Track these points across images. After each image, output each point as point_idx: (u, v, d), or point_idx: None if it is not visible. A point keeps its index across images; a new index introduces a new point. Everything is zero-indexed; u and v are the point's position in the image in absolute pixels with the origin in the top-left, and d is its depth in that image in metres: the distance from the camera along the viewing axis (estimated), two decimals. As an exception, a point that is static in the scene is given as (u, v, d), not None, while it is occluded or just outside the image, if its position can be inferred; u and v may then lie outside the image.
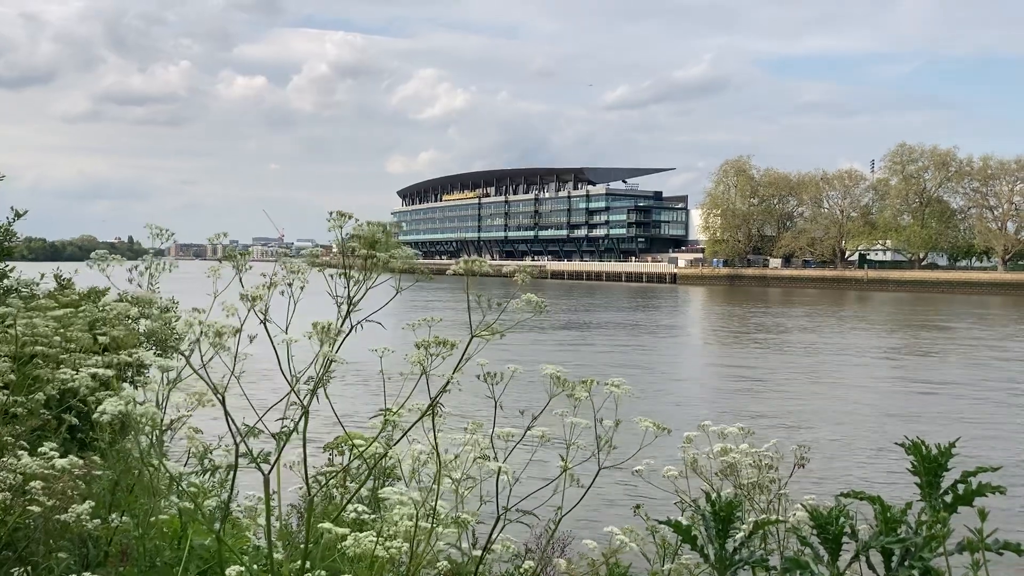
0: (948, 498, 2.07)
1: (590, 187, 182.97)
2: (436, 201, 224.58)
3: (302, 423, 2.21)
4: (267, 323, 2.14)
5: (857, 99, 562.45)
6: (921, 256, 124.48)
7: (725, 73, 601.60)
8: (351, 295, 2.11)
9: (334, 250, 2.35)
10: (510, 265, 2.37)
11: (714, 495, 2.42)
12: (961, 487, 2.06)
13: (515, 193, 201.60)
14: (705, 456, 3.51)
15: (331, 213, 2.09)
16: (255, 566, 2.79)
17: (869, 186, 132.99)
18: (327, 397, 2.20)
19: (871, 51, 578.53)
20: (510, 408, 2.88)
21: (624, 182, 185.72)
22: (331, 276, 2.18)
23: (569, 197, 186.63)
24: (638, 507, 3.79)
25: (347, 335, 2.16)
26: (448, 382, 2.23)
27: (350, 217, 2.14)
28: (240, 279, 2.20)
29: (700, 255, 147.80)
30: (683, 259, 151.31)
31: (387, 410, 2.31)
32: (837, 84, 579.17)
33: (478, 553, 2.93)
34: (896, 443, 2.17)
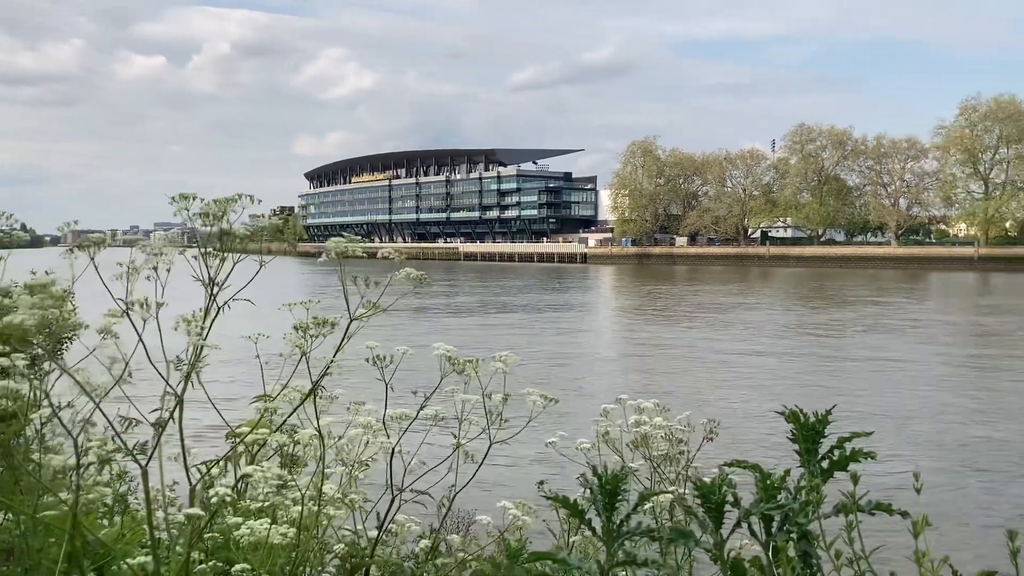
0: (825, 464, 2.14)
1: (501, 169, 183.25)
2: (345, 183, 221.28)
3: (178, 412, 2.13)
4: (130, 311, 2.05)
5: (760, 80, 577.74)
6: (820, 232, 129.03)
7: (633, 55, 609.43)
8: (214, 277, 2.04)
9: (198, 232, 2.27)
10: (386, 247, 2.33)
11: (610, 467, 2.46)
12: (836, 453, 2.14)
13: (426, 175, 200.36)
14: (618, 429, 3.56)
15: (174, 197, 2.02)
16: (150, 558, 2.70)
17: (770, 165, 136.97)
18: (201, 384, 2.13)
19: (773, 34, 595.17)
20: (417, 389, 2.87)
21: (535, 163, 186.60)
22: (194, 258, 2.10)
23: (480, 179, 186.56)
24: (542, 483, 3.82)
25: (214, 318, 2.09)
26: (328, 365, 2.18)
27: (194, 198, 2.07)
28: (95, 267, 2.10)
29: (609, 235, 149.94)
30: (593, 239, 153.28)
31: (267, 395, 2.26)
32: (741, 66, 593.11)
33: (375, 535, 2.90)
34: (776, 412, 2.23)
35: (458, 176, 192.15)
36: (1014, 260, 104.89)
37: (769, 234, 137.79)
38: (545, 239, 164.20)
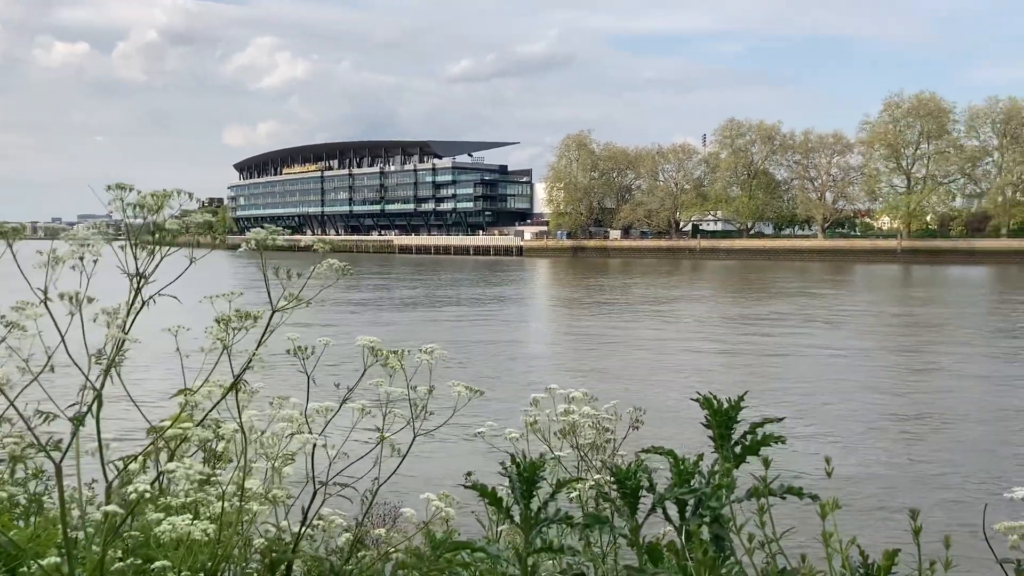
0: (738, 449, 2.20)
1: (436, 161, 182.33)
2: (276, 175, 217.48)
3: (96, 407, 2.08)
4: (48, 302, 2.00)
5: (693, 75, 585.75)
6: (749, 225, 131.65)
7: (569, 48, 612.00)
8: (142, 270, 2.00)
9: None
10: (308, 238, 2.31)
11: (534, 456, 2.49)
12: (749, 438, 2.20)
13: (360, 167, 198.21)
14: (547, 418, 3.60)
15: (110, 186, 1.97)
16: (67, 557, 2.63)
17: (701, 159, 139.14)
18: (120, 379, 2.09)
19: (707, 30, 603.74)
20: (340, 383, 2.85)
21: (470, 156, 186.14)
22: (121, 248, 2.06)
23: (415, 171, 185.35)
24: (470, 474, 3.84)
25: (138, 312, 2.05)
26: (251, 358, 2.16)
27: (130, 189, 2.02)
28: (14, 256, 2.04)
29: (545, 228, 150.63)
30: (529, 232, 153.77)
31: (187, 389, 2.23)
32: (675, 61, 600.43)
33: (303, 530, 2.88)
34: (691, 399, 2.28)
35: (392, 168, 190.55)
36: (935, 252, 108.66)
37: (700, 227, 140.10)
38: (481, 232, 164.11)
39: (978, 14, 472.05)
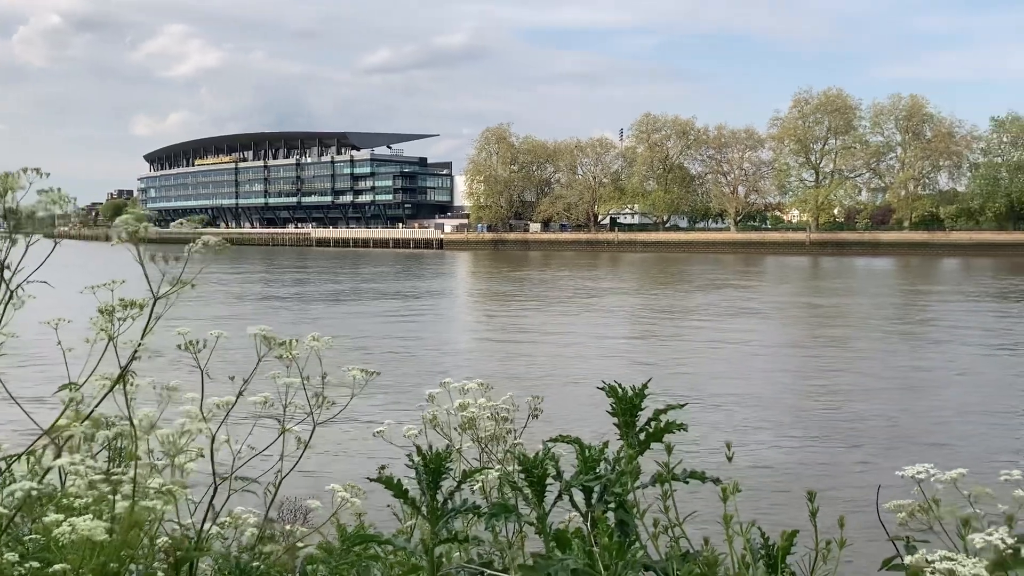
0: (642, 436, 2.23)
1: (354, 152, 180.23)
2: (188, 166, 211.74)
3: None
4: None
5: (609, 70, 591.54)
6: (665, 219, 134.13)
7: (486, 41, 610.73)
8: (4, 261, 1.91)
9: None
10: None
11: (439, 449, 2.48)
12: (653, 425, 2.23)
13: (275, 158, 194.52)
14: (445, 412, 3.58)
15: None
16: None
17: (618, 153, 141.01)
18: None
19: (622, 24, 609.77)
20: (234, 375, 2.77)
21: (389, 148, 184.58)
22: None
23: (333, 162, 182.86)
24: (383, 467, 3.81)
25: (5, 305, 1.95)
26: (136, 349, 2.09)
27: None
28: None
29: (465, 221, 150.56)
30: (449, 225, 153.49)
31: (72, 384, 2.14)
32: (591, 55, 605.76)
33: (207, 527, 2.80)
34: (597, 387, 2.30)
35: (309, 159, 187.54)
36: (841, 245, 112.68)
37: (618, 220, 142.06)
38: (400, 225, 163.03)
39: (883, 14, 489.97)
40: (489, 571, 1.88)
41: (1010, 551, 1.54)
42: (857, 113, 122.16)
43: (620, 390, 2.23)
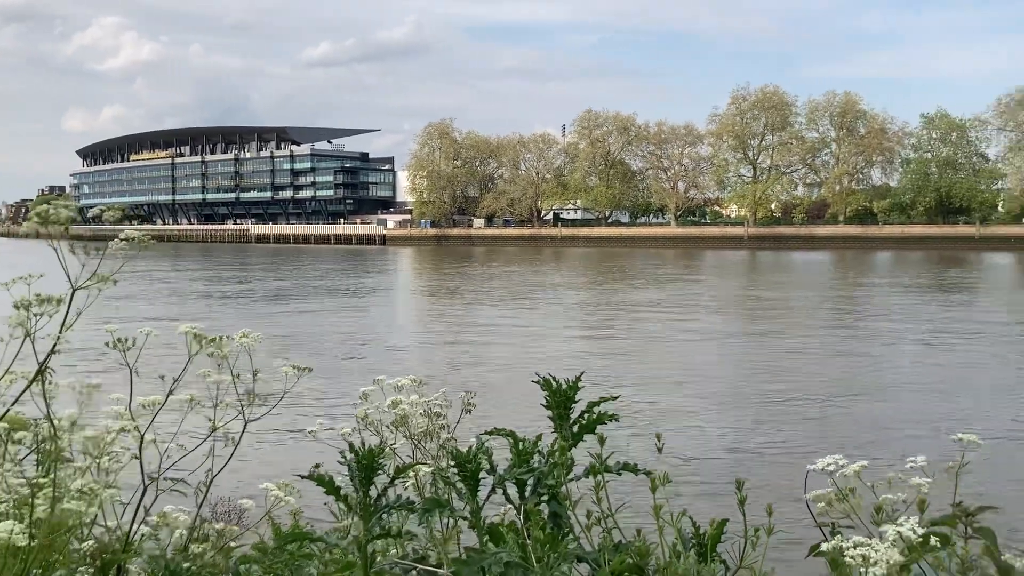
0: (575, 428, 2.25)
1: (294, 147, 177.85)
2: (123, 161, 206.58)
3: None
4: None
5: (551, 66, 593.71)
6: (607, 214, 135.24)
7: (428, 36, 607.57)
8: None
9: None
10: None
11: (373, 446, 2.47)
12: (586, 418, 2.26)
13: (213, 153, 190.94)
14: (376, 410, 3.57)
15: None
16: None
17: (561, 149, 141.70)
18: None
19: (563, 21, 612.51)
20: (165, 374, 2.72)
21: (330, 143, 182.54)
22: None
23: (272, 157, 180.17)
24: (318, 465, 3.78)
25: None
26: (56, 344, 2.03)
27: None
28: None
29: (408, 216, 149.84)
30: (392, 220, 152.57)
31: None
32: (533, 51, 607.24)
33: (136, 528, 2.74)
34: (532, 381, 2.32)
35: (248, 154, 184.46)
36: (779, 239, 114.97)
37: (561, 216, 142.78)
38: (342, 220, 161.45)
39: (820, 13, 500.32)
40: (422, 566, 1.88)
41: (919, 538, 1.60)
42: (793, 110, 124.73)
43: (554, 383, 2.25)
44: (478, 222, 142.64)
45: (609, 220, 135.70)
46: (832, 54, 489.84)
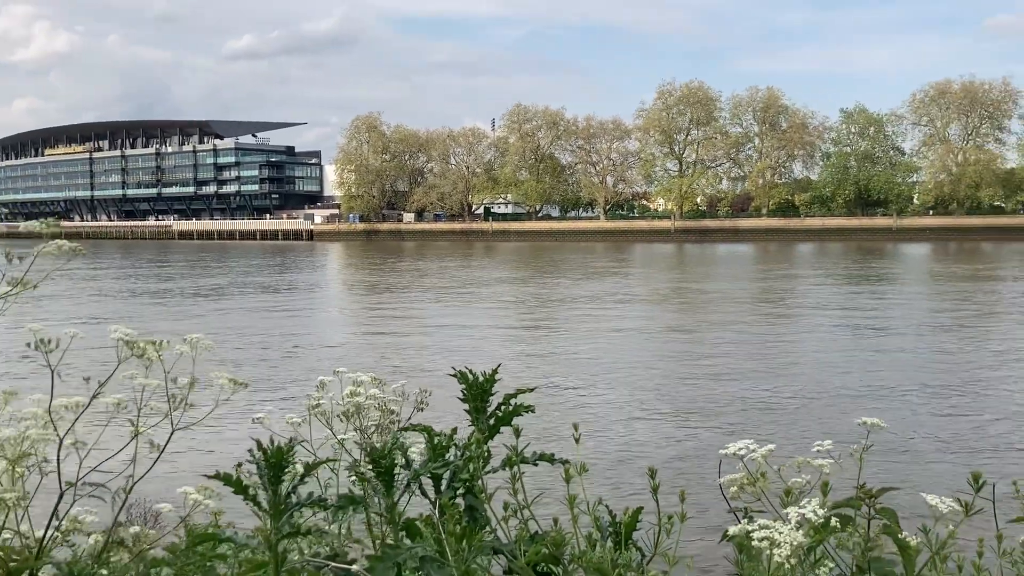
0: (492, 421, 2.25)
1: (217, 141, 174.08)
2: (37, 156, 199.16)
3: None
4: None
5: (480, 60, 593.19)
6: (538, 208, 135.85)
7: (355, 28, 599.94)
8: None
9: None
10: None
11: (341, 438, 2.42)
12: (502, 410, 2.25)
13: (133, 147, 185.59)
14: (330, 402, 3.52)
15: None
16: None
17: (491, 143, 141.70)
18: None
19: (491, 15, 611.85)
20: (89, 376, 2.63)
21: (254, 136, 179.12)
22: None
23: (195, 152, 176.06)
24: (239, 465, 3.70)
25: None
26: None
27: None
28: None
29: (337, 211, 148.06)
30: (320, 215, 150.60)
31: None
32: (463, 45, 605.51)
33: (48, 535, 2.64)
34: (448, 374, 2.31)
35: (170, 149, 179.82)
36: (704, 232, 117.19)
37: (492, 210, 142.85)
38: (268, 216, 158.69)
39: (744, 9, 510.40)
40: (333, 564, 1.86)
41: (821, 519, 1.64)
42: (717, 105, 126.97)
43: (470, 376, 2.25)
44: (408, 217, 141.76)
45: (539, 214, 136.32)
46: (757, 49, 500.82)
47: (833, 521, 1.79)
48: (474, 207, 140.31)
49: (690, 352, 24.89)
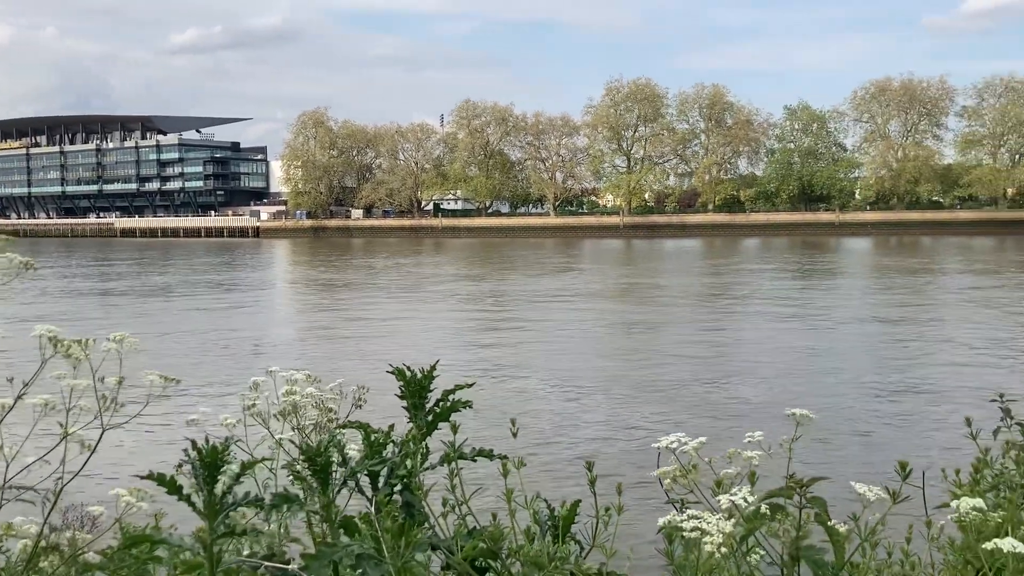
0: (430, 418, 2.25)
1: (160, 137, 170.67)
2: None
3: None
4: None
5: (426, 55, 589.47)
6: (487, 204, 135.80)
7: (299, 23, 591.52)
8: None
9: None
10: None
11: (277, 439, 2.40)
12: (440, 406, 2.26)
13: (73, 143, 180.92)
14: (266, 402, 3.47)
15: None
16: None
17: (440, 139, 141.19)
18: None
19: (436, 10, 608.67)
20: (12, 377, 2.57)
21: (199, 132, 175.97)
22: None
23: (137, 147, 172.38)
24: (179, 466, 3.64)
25: None
26: None
27: None
28: None
29: (283, 207, 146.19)
30: (266, 212, 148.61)
31: None
32: (409, 40, 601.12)
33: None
34: (386, 371, 2.31)
35: (111, 144, 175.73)
36: (652, 227, 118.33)
37: (441, 206, 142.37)
38: (213, 212, 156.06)
39: (687, 6, 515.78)
40: (268, 564, 1.84)
41: (750, 506, 1.68)
42: (664, 101, 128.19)
43: (408, 372, 2.24)
44: (356, 213, 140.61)
45: (489, 210, 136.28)
46: (700, 47, 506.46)
47: (763, 508, 1.83)
48: (423, 203, 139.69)
49: (640, 349, 25.16)
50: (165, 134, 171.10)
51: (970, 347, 23.71)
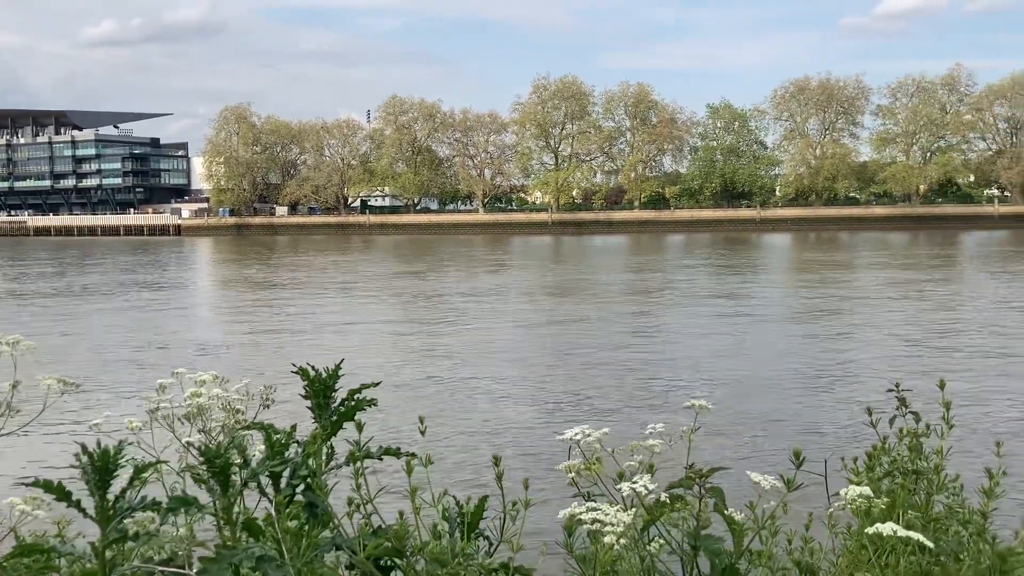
0: (335, 417, 2.23)
1: (76, 132, 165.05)
2: None
3: None
4: None
5: (354, 50, 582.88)
6: (416, 201, 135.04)
7: (222, 16, 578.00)
8: None
9: None
10: None
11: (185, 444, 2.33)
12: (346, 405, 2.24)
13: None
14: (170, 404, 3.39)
15: None
16: None
17: (367, 135, 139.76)
18: None
19: (364, 6, 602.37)
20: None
21: (116, 127, 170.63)
22: None
23: (51, 143, 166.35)
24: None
25: None
26: None
27: None
28: None
29: (205, 205, 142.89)
30: (187, 209, 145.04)
31: None
32: (337, 35, 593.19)
33: None
34: (291, 371, 2.28)
35: (22, 140, 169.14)
36: (580, 224, 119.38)
37: (369, 203, 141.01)
38: (132, 210, 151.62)
39: (615, 5, 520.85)
40: (163, 568, 1.80)
41: (649, 493, 1.71)
42: (591, 99, 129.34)
43: (312, 371, 2.22)
44: (281, 210, 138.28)
45: (418, 207, 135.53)
46: (628, 45, 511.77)
47: (663, 497, 1.87)
48: (350, 200, 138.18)
49: (577, 340, 25.37)
50: (81, 129, 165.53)
51: (886, 335, 24.60)
